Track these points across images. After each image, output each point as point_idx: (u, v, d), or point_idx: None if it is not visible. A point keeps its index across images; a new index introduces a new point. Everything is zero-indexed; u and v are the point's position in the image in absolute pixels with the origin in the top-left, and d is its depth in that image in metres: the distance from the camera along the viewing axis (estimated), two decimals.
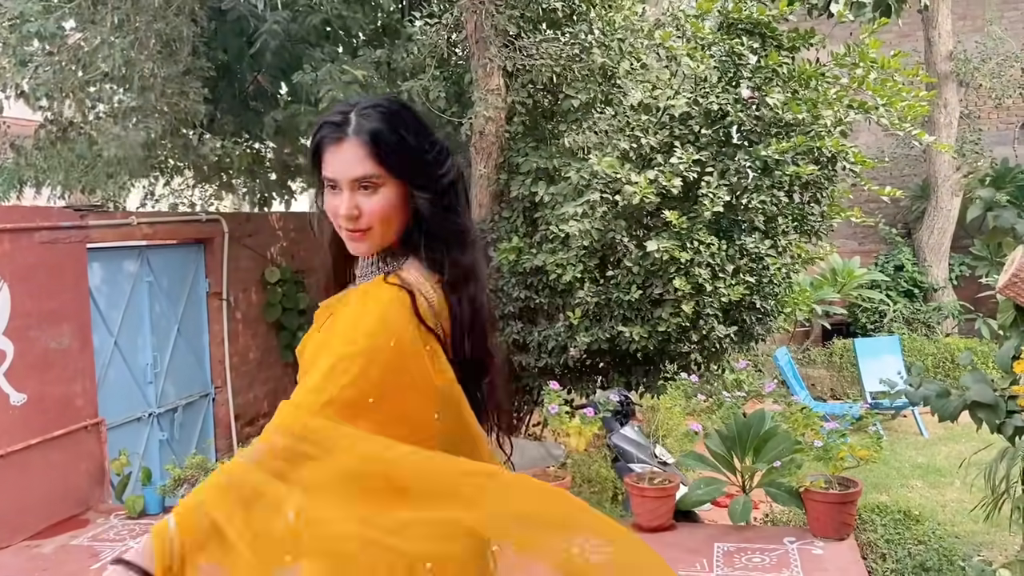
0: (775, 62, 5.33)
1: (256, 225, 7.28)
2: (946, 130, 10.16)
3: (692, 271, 5.22)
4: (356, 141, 1.47)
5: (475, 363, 1.59)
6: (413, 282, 1.50)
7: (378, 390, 1.41)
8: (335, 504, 1.36)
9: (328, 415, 1.37)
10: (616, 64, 5.29)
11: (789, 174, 5.25)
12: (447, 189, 1.54)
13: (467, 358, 1.57)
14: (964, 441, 6.95)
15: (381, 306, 1.47)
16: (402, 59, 5.70)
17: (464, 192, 1.60)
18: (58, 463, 4.81)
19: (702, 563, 3.93)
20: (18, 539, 4.50)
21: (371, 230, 1.50)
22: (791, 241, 5.74)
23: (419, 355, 1.47)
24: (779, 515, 4.81)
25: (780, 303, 5.91)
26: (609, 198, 5.13)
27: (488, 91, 5.10)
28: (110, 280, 5.73)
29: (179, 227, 6.35)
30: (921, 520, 4.40)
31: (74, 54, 5.26)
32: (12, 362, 4.56)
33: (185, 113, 5.47)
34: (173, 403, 6.28)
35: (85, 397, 5.07)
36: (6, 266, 4.56)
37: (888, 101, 5.41)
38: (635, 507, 4.47)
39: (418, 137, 1.52)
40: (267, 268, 7.28)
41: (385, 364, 1.42)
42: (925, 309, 10.11)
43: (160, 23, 5.27)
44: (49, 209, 5.30)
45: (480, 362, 1.61)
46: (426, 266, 1.54)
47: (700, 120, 5.39)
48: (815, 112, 5.39)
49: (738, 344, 5.87)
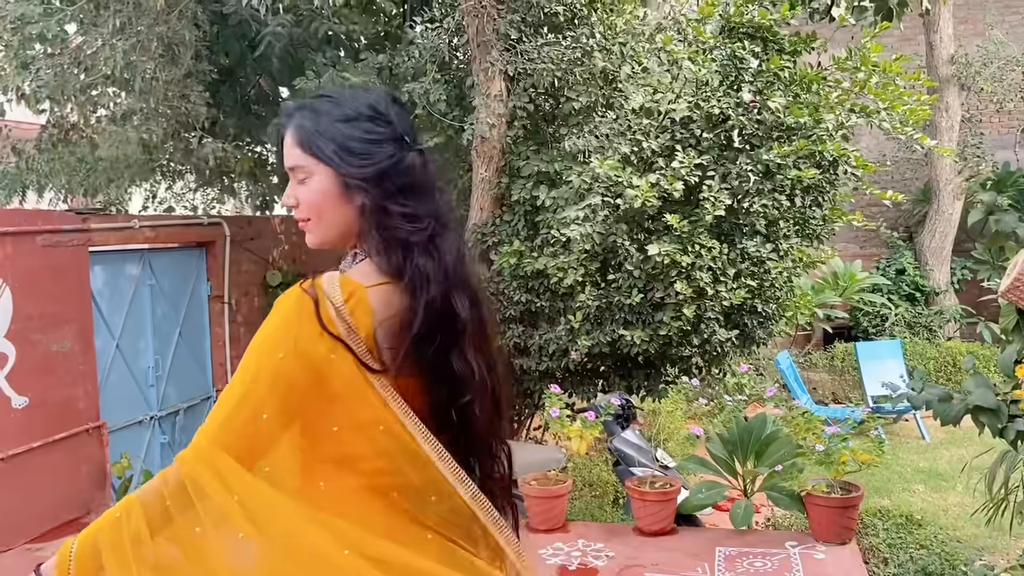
0: (777, 66, 5.33)
1: (258, 228, 7.29)
2: (948, 134, 10.16)
3: (693, 275, 5.21)
4: (289, 132, 1.53)
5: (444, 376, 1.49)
6: (327, 287, 1.42)
7: (270, 404, 1.40)
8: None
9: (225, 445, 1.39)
10: (617, 68, 5.29)
11: (791, 178, 5.25)
12: (382, 179, 1.48)
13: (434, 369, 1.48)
14: (966, 445, 6.94)
15: (278, 316, 1.44)
16: (403, 63, 5.70)
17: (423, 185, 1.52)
18: (60, 466, 4.81)
19: (704, 567, 3.92)
20: (19, 542, 4.50)
21: (310, 221, 1.53)
22: (792, 245, 5.73)
23: (315, 364, 1.41)
24: (781, 519, 4.80)
25: (781, 307, 5.90)
26: (610, 202, 5.12)
27: (489, 95, 5.11)
28: (112, 283, 5.73)
29: (181, 230, 6.36)
30: (923, 524, 4.39)
31: (75, 57, 5.27)
32: (14, 365, 4.56)
33: (186, 116, 5.47)
34: (175, 406, 6.28)
35: (87, 400, 5.07)
36: (8, 269, 4.57)
37: (890, 105, 5.40)
38: (636, 511, 4.47)
39: (348, 125, 1.49)
40: (269, 272, 7.29)
41: (274, 376, 1.40)
42: (927, 313, 10.11)
43: (162, 26, 5.28)
44: (51, 212, 5.31)
45: (451, 375, 1.49)
46: (378, 267, 1.48)
47: (701, 124, 5.39)
48: (816, 116, 5.38)
49: (739, 348, 5.86)
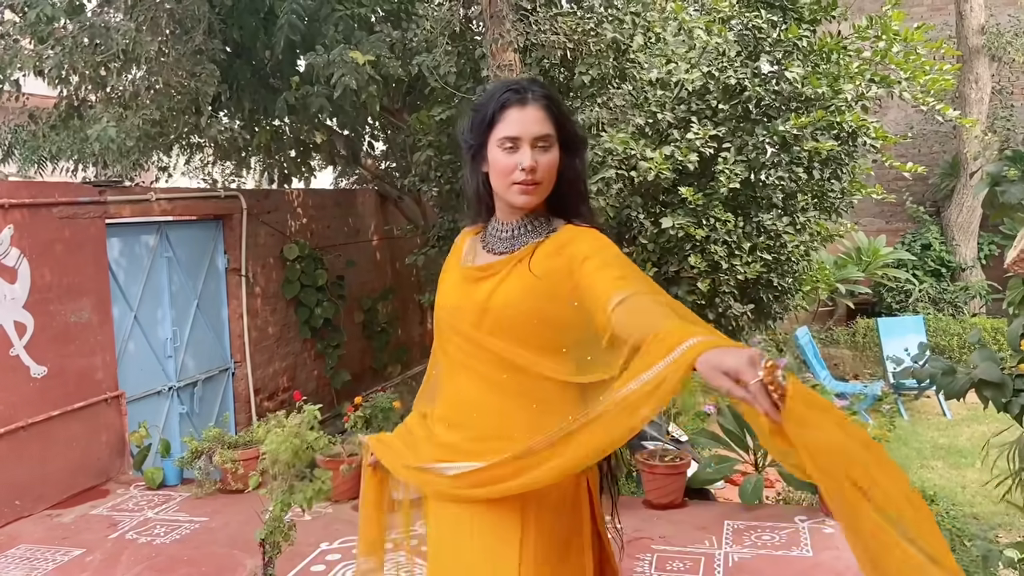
0: (795, 35, 5.23)
1: (275, 202, 7.32)
2: (977, 106, 9.94)
3: (708, 248, 5.17)
4: (537, 105, 1.74)
5: None
6: None
7: None
8: None
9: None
10: (629, 39, 5.22)
11: (808, 150, 5.16)
12: (583, 158, 1.84)
13: None
14: (987, 422, 6.85)
15: (605, 239, 1.75)
16: (415, 36, 5.66)
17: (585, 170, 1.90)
18: (79, 435, 4.91)
19: (711, 540, 3.91)
20: (40, 508, 4.61)
21: (541, 184, 1.74)
22: (810, 218, 5.66)
23: None
24: (792, 495, 4.77)
25: (798, 281, 5.84)
26: (624, 175, 5.08)
27: (501, 67, 5.06)
28: (129, 254, 5.80)
29: (198, 203, 6.40)
30: (936, 500, 4.36)
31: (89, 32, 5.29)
32: (33, 335, 4.64)
33: (196, 93, 5.47)
34: (193, 377, 6.37)
35: (105, 370, 5.16)
36: (26, 241, 4.64)
37: (911, 75, 5.29)
38: (646, 484, 4.47)
39: (568, 110, 1.84)
40: (286, 245, 7.33)
41: None
42: (952, 289, 9.95)
43: (173, 2, 5.28)
44: (68, 184, 5.36)
45: None
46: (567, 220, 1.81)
47: (718, 95, 5.31)
48: (836, 86, 5.28)
49: (755, 322, 5.81)
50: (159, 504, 4.68)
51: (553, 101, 1.76)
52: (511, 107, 1.73)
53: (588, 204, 1.86)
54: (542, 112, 1.73)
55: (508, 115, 1.73)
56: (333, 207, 8.37)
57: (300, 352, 7.60)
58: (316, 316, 7.51)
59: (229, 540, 4.10)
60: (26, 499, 4.55)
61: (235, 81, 6.36)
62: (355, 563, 3.43)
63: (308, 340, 7.65)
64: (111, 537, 4.21)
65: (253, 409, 6.82)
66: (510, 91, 1.75)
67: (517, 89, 1.75)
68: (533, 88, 1.76)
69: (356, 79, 5.29)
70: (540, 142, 1.72)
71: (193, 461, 4.86)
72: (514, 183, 1.72)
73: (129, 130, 5.31)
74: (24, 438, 4.56)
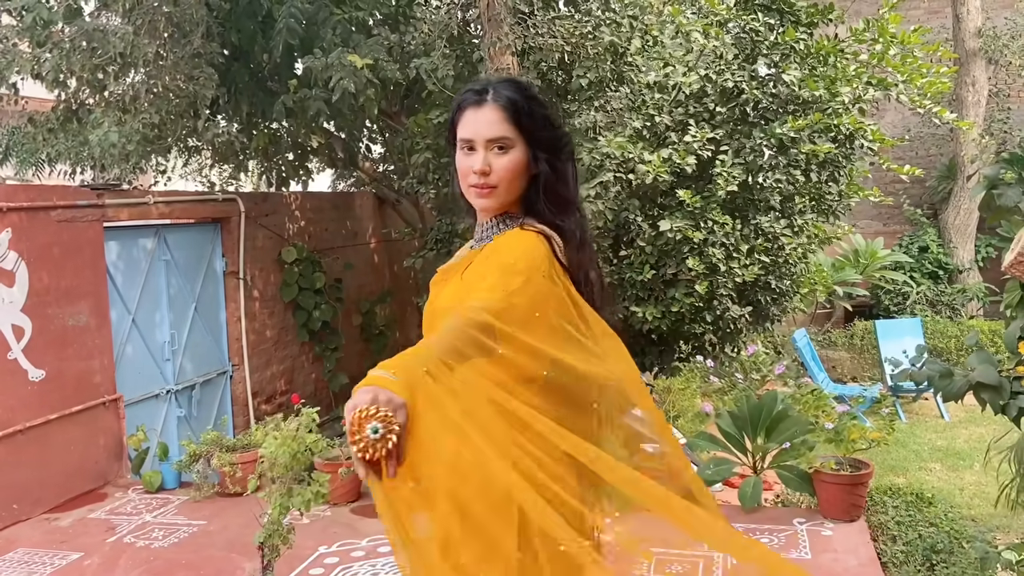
0: (792, 38, 5.25)
1: (273, 205, 7.32)
2: (974, 109, 9.95)
3: (706, 251, 5.18)
4: (495, 106, 1.68)
5: None
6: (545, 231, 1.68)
7: (538, 308, 1.57)
8: None
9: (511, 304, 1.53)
10: (626, 42, 5.23)
11: (805, 152, 5.18)
12: (564, 161, 1.75)
13: None
14: (985, 424, 6.85)
15: (528, 244, 1.64)
16: (413, 39, 5.67)
17: (575, 171, 1.79)
18: (77, 438, 4.90)
19: None
20: (37, 512, 4.60)
21: (497, 188, 1.68)
22: (808, 220, 5.68)
23: (558, 292, 1.63)
24: (791, 497, 4.77)
25: (796, 283, 5.86)
26: (623, 178, 5.09)
27: (499, 70, 5.07)
28: (127, 258, 5.80)
29: (195, 206, 6.40)
30: (934, 502, 4.35)
31: (86, 36, 5.29)
32: (31, 339, 4.64)
33: (194, 97, 5.47)
34: (191, 380, 6.36)
35: (103, 373, 5.15)
36: (24, 244, 4.63)
37: (908, 78, 5.31)
38: None
39: (544, 111, 1.73)
40: (284, 248, 7.33)
41: (537, 290, 1.58)
42: (950, 291, 9.96)
43: (171, 6, 5.28)
44: (66, 188, 5.36)
45: None
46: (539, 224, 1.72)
47: (715, 98, 5.33)
48: (833, 89, 5.30)
49: (753, 325, 5.83)
50: (157, 507, 4.68)
51: (515, 102, 1.68)
52: (467, 108, 1.70)
53: (570, 205, 1.76)
54: (499, 113, 1.67)
55: (464, 117, 1.70)
56: (331, 210, 8.37)
57: (298, 355, 7.59)
58: (314, 319, 7.50)
59: (227, 543, 4.09)
60: (24, 503, 4.54)
61: (233, 84, 6.37)
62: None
63: (306, 343, 7.64)
64: (109, 541, 4.20)
65: (251, 412, 6.82)
66: (469, 92, 1.72)
67: (478, 90, 1.71)
68: (497, 88, 1.70)
69: (354, 82, 5.30)
70: (496, 144, 1.67)
71: (191, 464, 4.86)
72: (471, 185, 1.69)
73: (129, 134, 5.31)
74: (22, 442, 4.55)
